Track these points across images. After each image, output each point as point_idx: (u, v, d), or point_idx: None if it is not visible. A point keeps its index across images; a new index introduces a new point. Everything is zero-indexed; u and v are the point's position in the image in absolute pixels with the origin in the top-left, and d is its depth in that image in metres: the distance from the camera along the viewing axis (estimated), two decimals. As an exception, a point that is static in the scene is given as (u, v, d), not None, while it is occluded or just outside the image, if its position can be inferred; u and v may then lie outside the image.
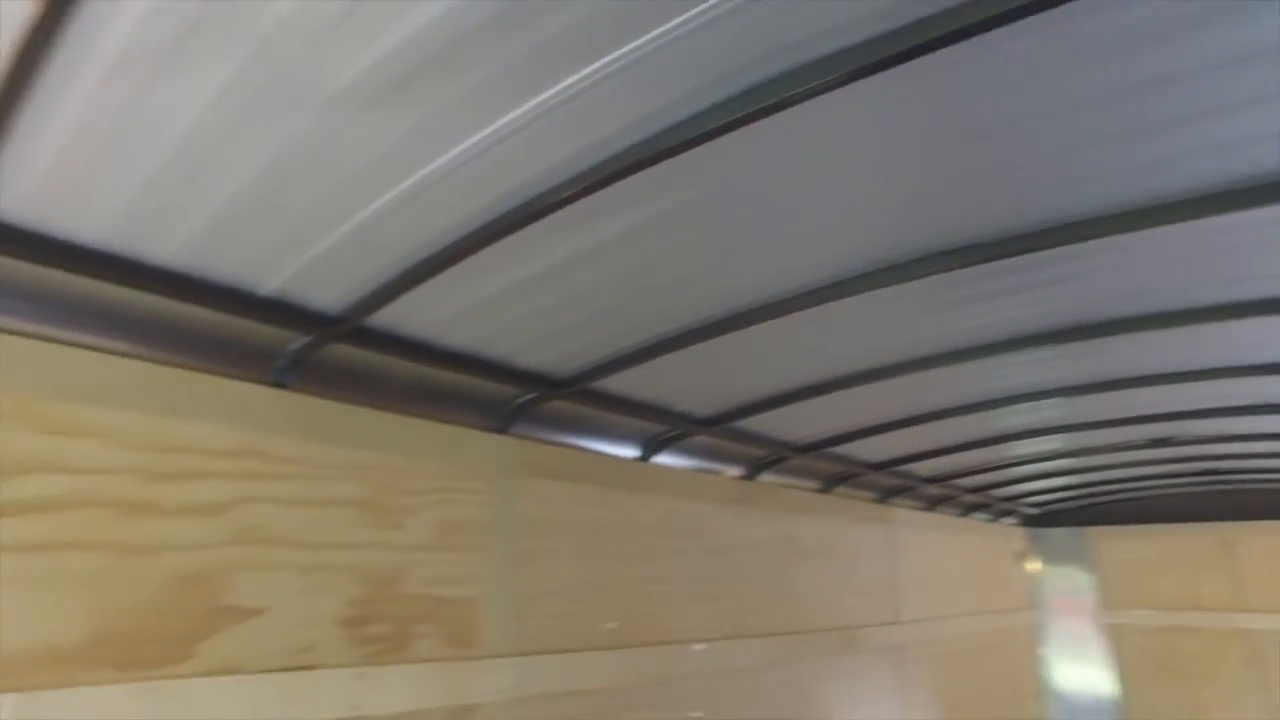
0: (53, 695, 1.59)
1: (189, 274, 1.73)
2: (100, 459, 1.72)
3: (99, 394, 1.74)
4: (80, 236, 1.57)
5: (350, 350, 2.09)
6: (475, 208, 1.62)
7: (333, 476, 2.10)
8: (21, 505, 1.61)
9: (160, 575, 1.77)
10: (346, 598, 2.08)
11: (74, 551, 1.66)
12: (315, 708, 1.96)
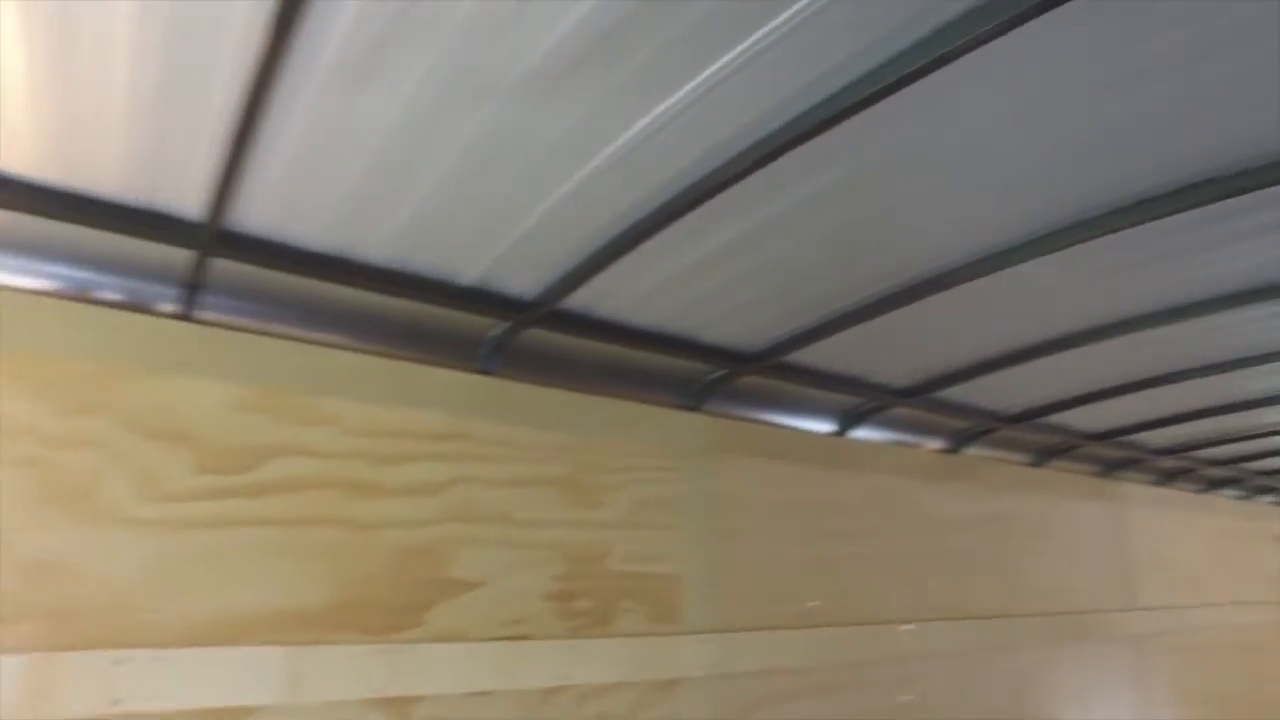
0: (310, 650, 1.78)
1: (396, 269, 1.86)
2: (331, 444, 1.91)
3: (328, 385, 1.93)
4: (303, 241, 1.73)
5: (546, 334, 2.16)
6: (654, 187, 1.61)
7: (535, 457, 2.20)
8: (275, 485, 1.82)
9: (388, 549, 1.93)
10: (553, 573, 2.17)
11: (316, 526, 1.85)
12: (528, 676, 2.07)
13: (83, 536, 1.62)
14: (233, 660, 1.70)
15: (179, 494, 1.72)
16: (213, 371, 1.80)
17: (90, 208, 1.55)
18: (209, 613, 1.71)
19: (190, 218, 1.61)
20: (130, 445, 1.69)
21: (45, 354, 1.64)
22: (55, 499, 1.60)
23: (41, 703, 1.52)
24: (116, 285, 1.79)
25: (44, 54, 1.22)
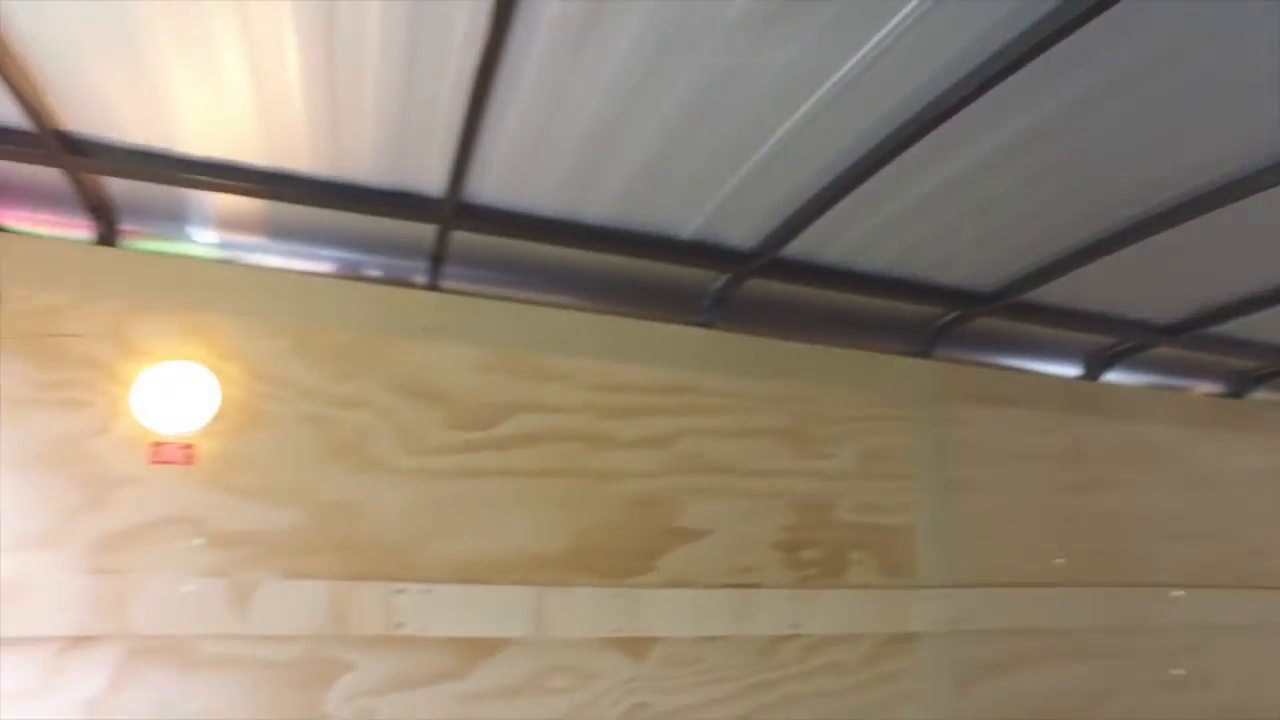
0: (555, 590, 1.93)
1: (618, 228, 1.90)
2: (565, 399, 2.02)
3: (559, 344, 2.04)
4: (532, 207, 1.81)
5: (767, 284, 2.13)
6: (871, 124, 1.52)
7: (760, 408, 2.20)
8: (516, 439, 1.97)
9: (621, 499, 2.03)
10: (780, 523, 2.17)
11: (554, 477, 1.99)
12: (758, 623, 2.10)
13: (360, 484, 1.84)
14: (488, 596, 1.88)
15: (435, 447, 1.91)
16: (457, 336, 1.96)
17: (351, 194, 1.73)
18: (466, 553, 1.89)
19: (432, 194, 1.74)
20: (392, 405, 1.89)
21: (321, 327, 1.87)
22: (337, 451, 1.84)
23: (339, 621, 1.77)
24: (374, 262, 1.99)
25: (313, 63, 1.36)
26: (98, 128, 1.56)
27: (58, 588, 1.63)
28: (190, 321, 1.79)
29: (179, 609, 1.69)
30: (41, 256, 1.74)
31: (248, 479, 1.77)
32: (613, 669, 1.97)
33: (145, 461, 1.72)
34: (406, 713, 1.81)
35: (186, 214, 1.85)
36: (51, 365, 1.70)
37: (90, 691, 1.64)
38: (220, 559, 1.74)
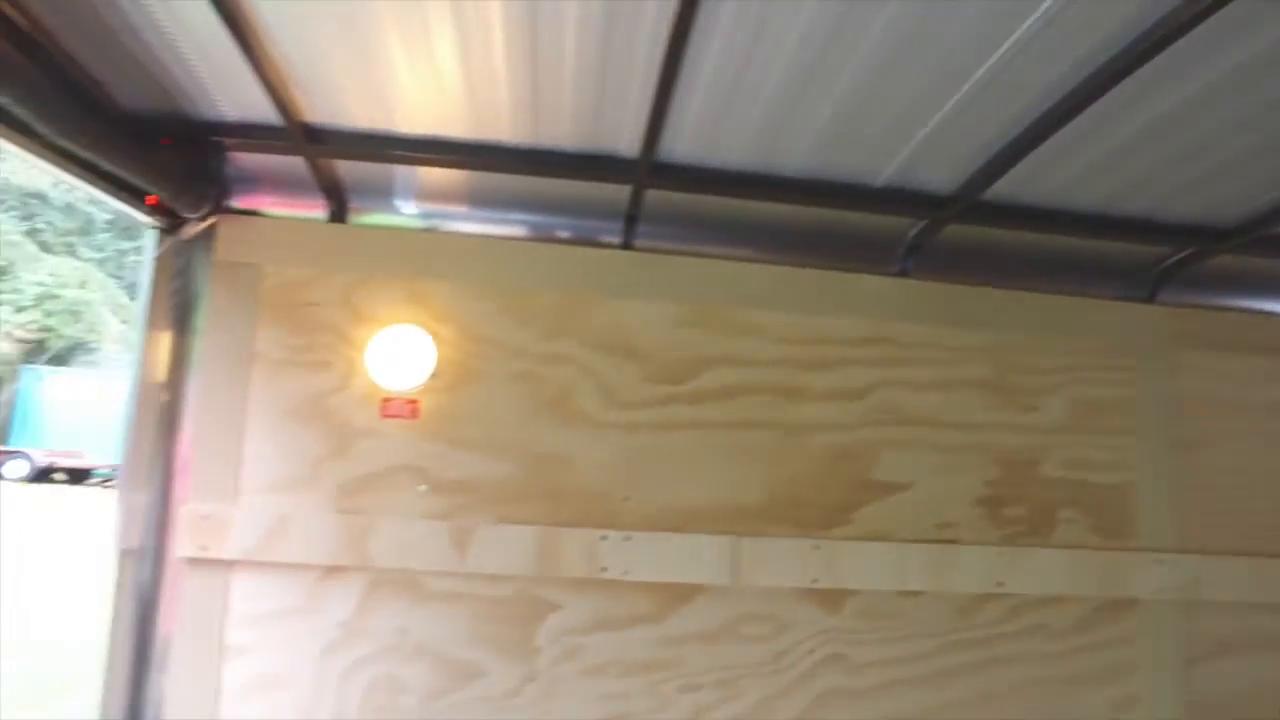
0: (750, 540, 1.97)
1: (812, 178, 1.86)
2: (760, 353, 2.04)
3: (753, 298, 2.04)
4: (725, 163, 1.82)
5: (966, 229, 2.02)
6: (1080, 56, 1.40)
7: (960, 359, 2.11)
8: (712, 392, 2.01)
9: (816, 451, 2.03)
10: (982, 478, 2.09)
11: (750, 429, 2.01)
12: (958, 580, 2.04)
13: (566, 436, 1.96)
14: (686, 544, 1.95)
15: (634, 401, 1.99)
16: (653, 293, 2.01)
17: (550, 160, 1.81)
18: (665, 502, 1.97)
19: (627, 156, 1.78)
20: (594, 361, 1.99)
21: (526, 289, 1.99)
22: (544, 406, 1.96)
23: (548, 564, 1.91)
24: (566, 224, 2.08)
25: (517, 42, 1.43)
26: (330, 116, 1.72)
27: (312, 524, 1.87)
28: (410, 288, 1.96)
29: (409, 547, 1.88)
30: (289, 236, 1.96)
31: (464, 432, 1.94)
32: (808, 619, 1.99)
33: (377, 416, 1.92)
34: (608, 651, 1.93)
35: (398, 188, 2.01)
36: (299, 331, 1.92)
37: (343, 614, 1.87)
38: (442, 504, 1.91)
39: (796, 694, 1.98)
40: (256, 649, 1.85)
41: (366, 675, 1.87)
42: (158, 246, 1.97)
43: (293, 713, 1.84)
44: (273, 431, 1.90)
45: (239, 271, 1.93)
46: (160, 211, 1.91)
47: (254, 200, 2.00)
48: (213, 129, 1.80)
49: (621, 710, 1.92)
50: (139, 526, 1.91)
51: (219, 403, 1.90)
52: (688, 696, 1.94)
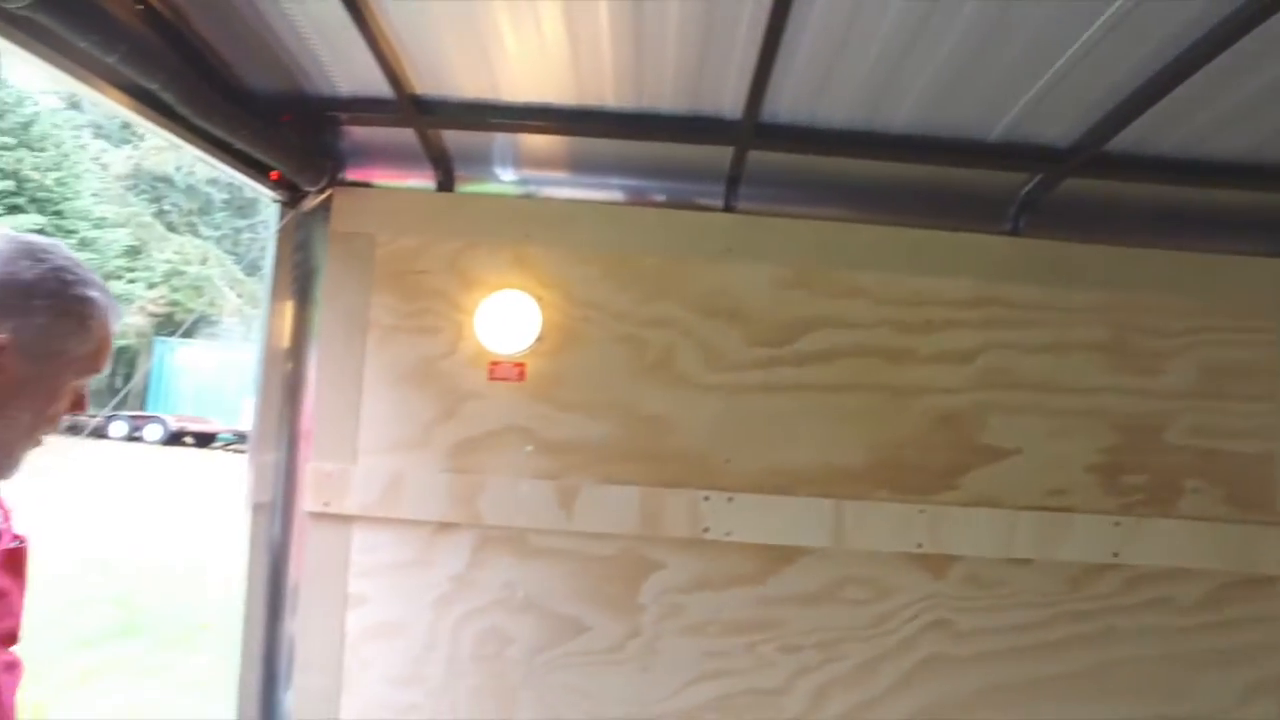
0: (854, 504, 1.96)
1: (920, 135, 1.81)
2: (863, 315, 2.00)
3: (856, 259, 2.01)
4: (829, 121, 1.78)
5: (1085, 183, 1.92)
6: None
7: (1074, 320, 2.01)
8: (814, 355, 1.99)
9: (921, 414, 1.99)
10: (1098, 444, 2.00)
11: (853, 392, 1.99)
12: (1070, 549, 1.97)
13: (668, 398, 1.98)
14: (787, 506, 1.96)
15: (735, 364, 1.99)
16: (754, 255, 2.00)
17: (652, 124, 1.81)
18: (766, 464, 1.97)
19: (729, 117, 1.77)
20: (695, 324, 1.99)
21: (627, 253, 2.01)
22: (647, 369, 1.99)
23: (651, 524, 1.94)
24: (664, 188, 2.09)
25: (622, 6, 1.43)
26: (437, 87, 1.77)
27: (425, 483, 1.96)
28: (515, 254, 2.01)
29: (516, 505, 1.95)
30: (400, 206, 2.03)
31: (569, 394, 1.98)
32: (911, 584, 1.97)
33: (485, 379, 1.98)
34: (709, 611, 1.96)
35: (502, 156, 2.06)
36: (410, 298, 2.00)
37: (455, 568, 1.96)
38: (548, 464, 1.97)
39: (898, 659, 1.96)
40: (375, 598, 1.96)
41: (476, 626, 1.96)
42: (280, 220, 2.08)
43: (408, 658, 1.95)
44: (387, 395, 1.99)
45: (353, 241, 2.02)
46: (282, 186, 2.01)
47: (366, 172, 2.08)
48: (328, 104, 1.88)
49: (721, 668, 1.95)
50: (269, 483, 2.04)
51: (338, 368, 2.00)
52: (788, 657, 1.96)
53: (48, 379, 1.10)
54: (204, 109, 1.56)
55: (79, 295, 1.13)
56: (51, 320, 1.09)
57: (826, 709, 1.96)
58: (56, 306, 1.10)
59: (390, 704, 1.94)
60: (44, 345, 1.09)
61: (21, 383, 1.07)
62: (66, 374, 1.12)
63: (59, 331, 1.10)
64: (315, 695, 1.95)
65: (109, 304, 1.17)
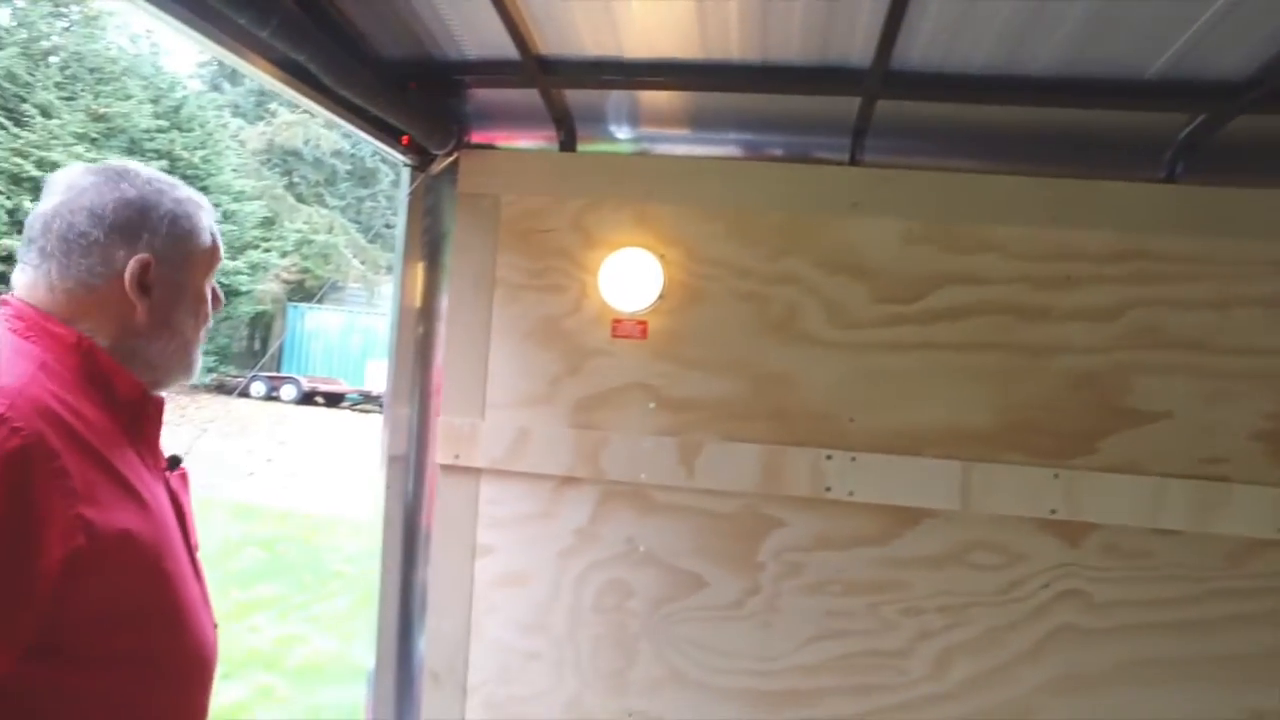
0: (982, 466, 1.89)
1: (1066, 76, 1.69)
2: (996, 270, 1.91)
3: (989, 212, 1.91)
4: (965, 67, 1.69)
5: (1255, 122, 1.74)
6: None
7: (1239, 273, 1.85)
8: (943, 312, 1.92)
9: (1058, 375, 1.89)
10: (1262, 409, 1.85)
11: (984, 351, 1.91)
12: (1227, 522, 1.84)
13: (791, 356, 1.96)
14: (912, 467, 1.91)
15: (860, 321, 1.94)
16: (881, 209, 1.94)
17: (777, 76, 1.77)
18: (891, 424, 1.93)
19: (857, 66, 1.71)
20: (820, 280, 1.96)
21: (750, 209, 1.98)
22: (770, 326, 1.97)
23: (772, 482, 1.94)
24: (784, 142, 2.04)
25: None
26: (561, 47, 1.79)
27: (551, 438, 2.01)
28: (638, 212, 2.02)
29: (639, 461, 1.98)
30: (524, 167, 2.08)
31: (691, 351, 1.99)
32: (1044, 551, 1.89)
33: (608, 336, 2.02)
34: (830, 570, 1.94)
35: (622, 114, 2.06)
36: (535, 256, 2.05)
37: (578, 522, 2.02)
38: (670, 421, 1.99)
39: (1028, 627, 1.90)
40: (502, 549, 2.05)
41: (598, 579, 2.01)
42: (410, 184, 2.16)
43: (532, 606, 2.03)
44: (513, 352, 2.05)
45: (480, 202, 2.08)
46: (412, 150, 2.09)
47: (491, 135, 2.13)
48: (455, 69, 1.93)
49: (841, 628, 1.94)
50: (403, 436, 2.16)
51: (465, 326, 2.08)
52: (910, 620, 1.93)
53: (191, 282, 1.19)
54: (344, 78, 1.64)
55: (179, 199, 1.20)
56: (170, 228, 1.16)
57: (950, 674, 1.92)
58: (169, 216, 1.16)
59: (515, 649, 2.03)
60: (176, 251, 1.16)
61: (174, 292, 1.16)
62: (200, 272, 1.21)
63: (180, 234, 1.17)
64: (446, 638, 2.06)
65: (199, 199, 1.24)
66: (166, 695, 1.11)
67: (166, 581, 1.10)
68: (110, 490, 1.02)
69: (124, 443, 1.10)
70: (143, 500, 1.08)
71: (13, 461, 0.91)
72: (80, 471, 0.98)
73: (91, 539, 0.96)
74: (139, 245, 1.13)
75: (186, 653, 1.13)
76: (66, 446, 0.97)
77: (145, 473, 1.13)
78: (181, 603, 1.12)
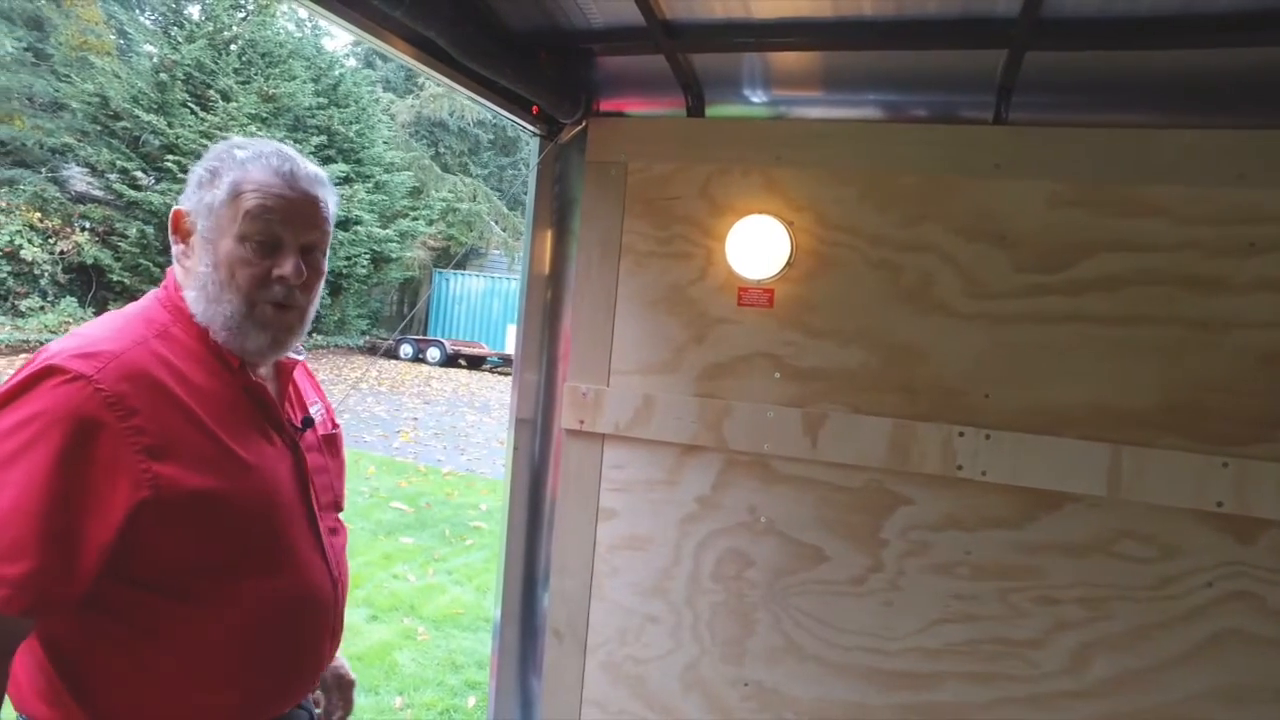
0: (1135, 450, 1.74)
1: (1252, 11, 1.49)
2: (1159, 236, 1.73)
3: (1155, 171, 1.73)
4: (1126, 9, 1.53)
5: None
6: None
7: None
8: (1094, 282, 1.77)
9: (1233, 353, 1.70)
10: None
11: (1142, 325, 1.75)
12: None
13: (924, 327, 1.87)
14: (1053, 448, 1.78)
15: (999, 291, 1.82)
16: (1026, 171, 1.80)
17: (915, 31, 1.67)
18: (1031, 402, 1.81)
19: (1003, 15, 1.59)
20: (956, 248, 1.85)
21: (884, 173, 1.89)
22: (902, 296, 1.88)
23: (899, 458, 1.87)
24: (931, 102, 1.93)
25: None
26: (687, 11, 1.76)
27: (675, 405, 2.02)
28: (766, 177, 1.97)
29: (762, 431, 1.96)
30: (651, 134, 2.07)
31: (818, 321, 1.94)
32: (1206, 547, 1.73)
33: (733, 304, 1.99)
34: (958, 552, 1.86)
35: (751, 77, 2.01)
36: (662, 224, 2.04)
37: (700, 489, 2.02)
38: (795, 391, 1.95)
39: (1184, 629, 1.74)
40: (624, 513, 2.08)
41: (719, 547, 2.01)
42: (540, 153, 2.20)
43: (652, 571, 2.06)
44: (639, 319, 2.07)
45: (608, 170, 2.09)
46: (541, 120, 2.12)
47: (619, 102, 2.14)
48: (583, 37, 1.94)
49: (968, 612, 1.85)
50: (530, 401, 2.22)
51: (592, 293, 2.11)
52: (1045, 609, 1.82)
53: (212, 232, 1.16)
54: (474, 52, 1.68)
55: (214, 155, 1.20)
56: (195, 184, 1.19)
57: (1089, 671, 1.80)
58: (198, 173, 1.19)
59: (634, 611, 2.07)
60: (196, 205, 1.18)
61: (199, 243, 1.18)
62: (223, 224, 1.15)
63: (201, 188, 1.18)
64: (568, 597, 2.13)
65: (249, 157, 1.17)
66: (271, 635, 1.20)
67: (268, 536, 1.19)
68: (197, 452, 1.11)
69: (238, 407, 1.19)
70: (244, 463, 1.16)
71: (86, 415, 1.02)
72: (162, 432, 1.07)
73: (158, 492, 1.06)
74: (181, 202, 1.20)
75: (290, 601, 1.21)
76: (153, 408, 1.07)
77: (258, 436, 1.21)
78: (285, 555, 1.21)
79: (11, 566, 0.99)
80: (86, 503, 1.02)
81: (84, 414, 1.02)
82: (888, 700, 1.90)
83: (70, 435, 1.01)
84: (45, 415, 1.01)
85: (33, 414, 1.01)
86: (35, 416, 1.01)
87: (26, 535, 0.99)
